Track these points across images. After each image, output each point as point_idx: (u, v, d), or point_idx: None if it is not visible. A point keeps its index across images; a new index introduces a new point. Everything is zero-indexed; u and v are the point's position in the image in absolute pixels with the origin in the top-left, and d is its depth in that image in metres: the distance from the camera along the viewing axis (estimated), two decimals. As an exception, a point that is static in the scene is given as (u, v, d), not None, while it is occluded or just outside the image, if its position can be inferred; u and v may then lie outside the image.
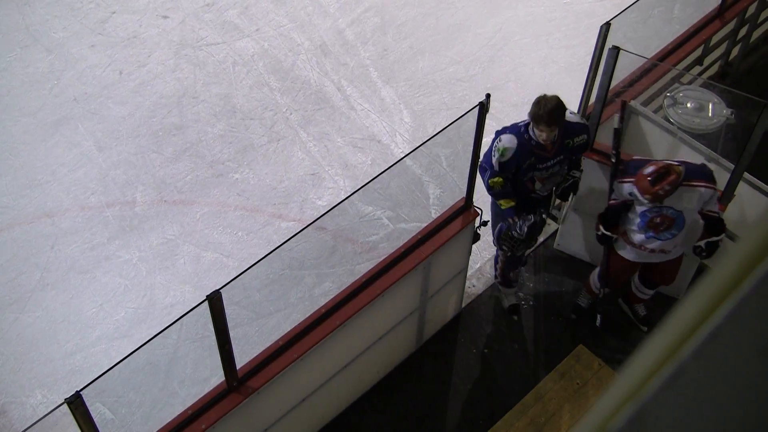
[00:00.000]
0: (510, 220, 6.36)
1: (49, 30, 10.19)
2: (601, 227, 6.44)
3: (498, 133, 6.25)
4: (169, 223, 8.04)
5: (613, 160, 6.37)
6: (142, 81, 9.49)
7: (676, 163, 5.93)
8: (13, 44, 10.01)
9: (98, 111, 9.17)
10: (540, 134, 6.03)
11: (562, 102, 6.00)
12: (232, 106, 9.13)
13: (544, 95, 5.99)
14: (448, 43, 9.81)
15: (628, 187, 6.10)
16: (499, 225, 6.51)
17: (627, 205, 6.26)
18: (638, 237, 6.31)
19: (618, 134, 6.43)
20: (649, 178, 5.77)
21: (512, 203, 6.35)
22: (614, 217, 6.40)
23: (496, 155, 6.16)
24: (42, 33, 10.16)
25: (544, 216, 6.47)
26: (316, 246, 7.60)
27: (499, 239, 6.55)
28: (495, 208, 6.74)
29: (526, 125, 6.15)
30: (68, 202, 8.27)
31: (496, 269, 7.23)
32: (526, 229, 6.31)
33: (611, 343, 7.15)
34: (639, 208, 6.15)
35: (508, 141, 6.14)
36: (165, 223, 8.05)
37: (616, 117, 6.51)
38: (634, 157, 6.38)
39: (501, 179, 6.26)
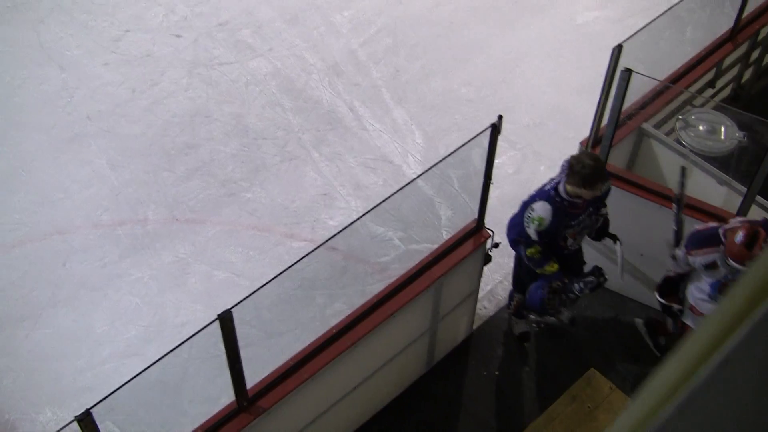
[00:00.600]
0: (559, 284, 6.23)
1: (62, 48, 10.25)
2: (657, 296, 6.36)
3: (526, 204, 6.11)
4: (181, 242, 8.06)
5: (675, 228, 6.27)
6: (155, 99, 9.53)
7: (749, 222, 5.76)
8: (27, 61, 10.07)
9: (111, 129, 9.21)
10: (584, 194, 5.88)
11: (599, 157, 5.89)
12: (245, 125, 9.16)
13: (580, 158, 5.84)
14: (460, 64, 9.84)
15: (703, 259, 5.88)
16: (538, 287, 6.39)
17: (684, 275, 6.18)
18: (711, 308, 6.11)
19: (680, 202, 6.28)
20: (743, 245, 5.54)
21: (556, 265, 6.20)
22: (672, 287, 6.32)
23: (533, 226, 5.99)
24: (56, 51, 10.22)
25: (605, 275, 6.27)
26: (327, 266, 7.60)
27: (543, 304, 6.39)
28: (520, 269, 6.71)
29: (554, 187, 6.00)
30: (80, 219, 8.29)
31: (510, 304, 7.19)
32: (588, 291, 6.20)
33: (622, 366, 7.13)
34: (711, 277, 5.96)
35: (543, 210, 5.98)
36: (176, 242, 8.06)
37: (676, 184, 6.35)
38: (696, 228, 6.13)
39: (539, 247, 6.11)
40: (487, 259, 6.74)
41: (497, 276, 7.64)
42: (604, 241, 6.59)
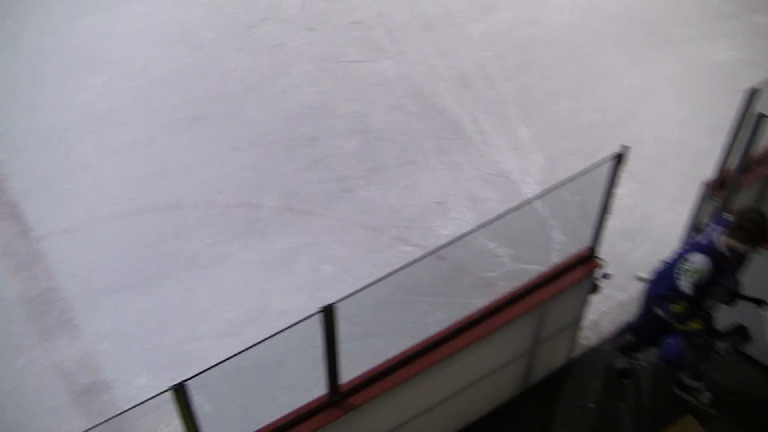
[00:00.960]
0: (702, 341, 6.05)
1: (198, 29, 10.48)
2: None
3: (677, 257, 5.93)
4: (292, 231, 8.15)
5: None
6: (283, 89, 9.67)
7: None
8: (162, 39, 10.33)
9: (237, 113, 9.37)
10: (741, 250, 5.71)
11: (765, 213, 5.73)
12: (368, 124, 9.22)
13: (746, 213, 5.67)
14: (590, 89, 9.73)
15: None
16: (678, 342, 6.20)
17: None
18: None
19: None
20: None
21: (701, 321, 5.98)
22: None
23: (691, 279, 5.77)
24: (192, 31, 10.45)
25: (750, 335, 6.09)
26: (434, 274, 7.56)
27: (682, 360, 6.23)
28: (647, 319, 6.51)
29: (710, 240, 5.80)
30: (197, 196, 8.45)
31: (618, 338, 7.04)
32: (732, 351, 6.02)
33: (720, 418, 6.92)
34: None
35: (702, 262, 5.74)
36: (288, 231, 8.15)
37: None
38: None
39: (687, 303, 5.88)
40: (596, 289, 6.62)
41: (604, 307, 7.50)
42: (735, 304, 6.34)
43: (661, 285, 6.03)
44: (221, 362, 4.70)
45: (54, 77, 9.89)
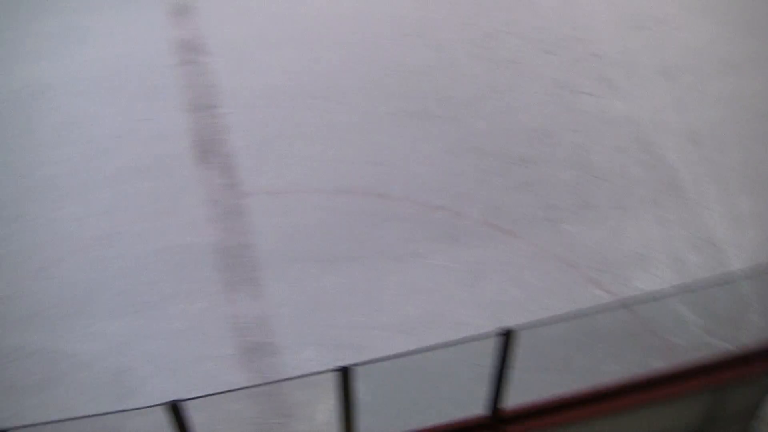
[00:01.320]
0: None
1: (438, 28, 10.59)
2: None
3: None
4: (489, 247, 8.14)
5: None
6: (509, 105, 9.67)
7: None
8: (403, 31, 10.48)
9: (459, 118, 9.43)
10: None
11: None
12: (588, 160, 9.09)
13: None
14: (827, 175, 9.27)
15: None
16: None
17: None
18: None
19: None
20: None
21: None
22: None
23: None
24: (431, 29, 10.57)
25: None
26: (618, 324, 7.40)
27: None
28: None
29: None
30: (403, 190, 8.57)
31: None
32: None
33: None
34: None
35: None
36: (485, 245, 8.15)
37: None
38: None
39: None
40: (782, 385, 6.31)
41: (789, 404, 7.15)
42: None
43: None
44: (391, 357, 4.75)
45: (286, 43, 10.21)
